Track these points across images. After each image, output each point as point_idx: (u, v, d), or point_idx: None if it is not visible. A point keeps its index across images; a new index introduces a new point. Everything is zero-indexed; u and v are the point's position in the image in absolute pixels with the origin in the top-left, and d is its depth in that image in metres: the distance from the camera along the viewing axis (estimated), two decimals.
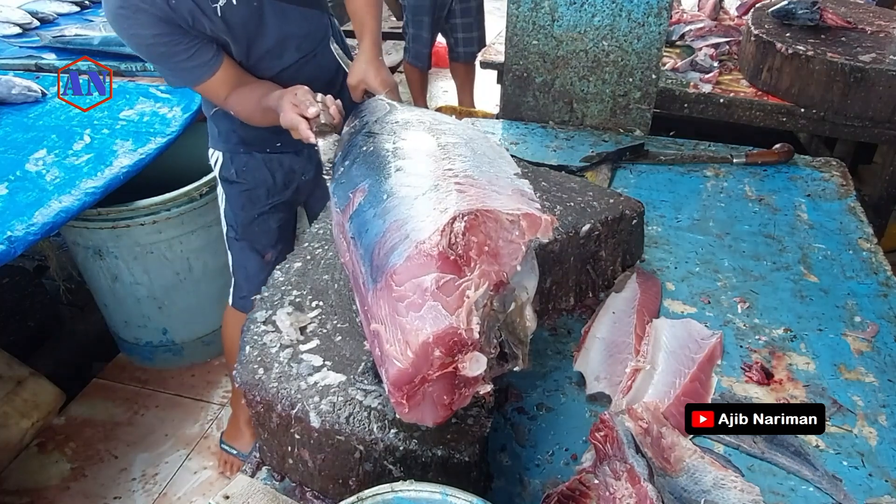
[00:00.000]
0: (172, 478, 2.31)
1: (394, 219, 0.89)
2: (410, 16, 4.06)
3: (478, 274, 0.82)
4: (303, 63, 1.69)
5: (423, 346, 0.79)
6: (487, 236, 0.84)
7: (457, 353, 0.81)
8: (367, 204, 0.96)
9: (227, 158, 1.86)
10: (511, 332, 0.87)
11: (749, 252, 1.58)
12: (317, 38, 1.70)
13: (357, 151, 1.12)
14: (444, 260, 0.81)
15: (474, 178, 0.93)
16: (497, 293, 0.84)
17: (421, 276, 0.81)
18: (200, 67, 1.52)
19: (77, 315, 2.94)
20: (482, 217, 0.84)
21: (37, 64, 2.86)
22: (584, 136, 2.11)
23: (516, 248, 0.85)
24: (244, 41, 1.56)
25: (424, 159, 1.00)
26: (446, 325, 0.79)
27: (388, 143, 1.08)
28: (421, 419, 0.86)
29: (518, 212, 0.85)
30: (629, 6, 1.92)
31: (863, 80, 2.13)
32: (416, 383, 0.82)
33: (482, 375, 0.84)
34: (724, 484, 0.97)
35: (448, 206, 0.85)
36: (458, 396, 0.85)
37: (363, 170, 1.05)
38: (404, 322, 0.81)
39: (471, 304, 0.80)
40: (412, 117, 1.19)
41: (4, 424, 2.28)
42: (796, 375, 1.24)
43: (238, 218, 1.91)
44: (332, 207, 1.13)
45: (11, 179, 2.03)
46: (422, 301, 0.80)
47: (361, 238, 0.94)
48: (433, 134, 1.09)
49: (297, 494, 1.05)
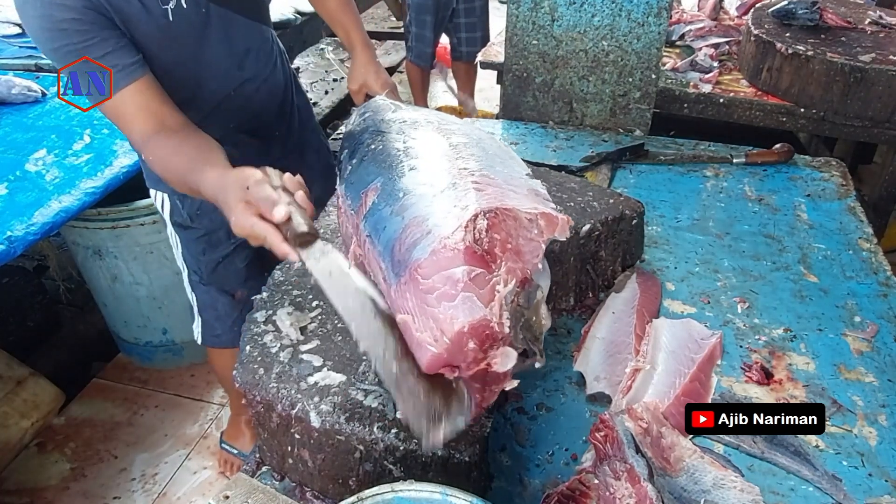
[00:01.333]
0: (172, 478, 2.31)
1: (413, 215, 0.89)
2: (414, 15, 4.07)
3: (505, 270, 0.82)
4: (252, 89, 1.55)
5: (459, 334, 0.79)
6: (509, 234, 0.85)
7: (488, 348, 0.81)
8: (382, 202, 0.96)
9: (176, 202, 1.65)
10: (528, 330, 0.87)
11: (749, 252, 1.58)
12: (263, 56, 1.57)
13: (365, 150, 1.11)
14: (472, 254, 0.82)
15: (490, 178, 0.93)
16: (522, 290, 0.85)
17: (450, 268, 0.81)
18: (116, 73, 1.22)
19: (77, 315, 2.94)
20: (502, 215, 0.85)
21: (37, 64, 2.86)
22: (584, 136, 2.11)
23: (536, 246, 0.86)
24: (189, 51, 1.39)
25: (437, 158, 1.00)
26: (481, 316, 0.79)
27: (398, 142, 1.07)
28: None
29: (536, 211, 0.87)
30: (629, 6, 1.92)
31: (862, 80, 2.13)
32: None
33: (509, 371, 0.84)
34: (723, 484, 0.98)
35: (469, 204, 0.86)
36: (488, 393, 0.86)
37: (373, 168, 1.04)
38: (436, 312, 0.81)
39: (501, 298, 0.81)
40: (419, 117, 1.18)
41: (4, 424, 2.28)
42: (796, 375, 1.24)
43: (200, 263, 1.75)
44: (341, 206, 1.12)
45: (11, 179, 2.03)
46: (455, 291, 0.80)
47: (379, 235, 0.93)
48: (443, 134, 1.09)
49: (297, 494, 1.05)
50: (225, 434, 2.35)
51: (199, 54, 1.42)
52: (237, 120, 1.57)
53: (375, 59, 1.56)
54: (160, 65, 1.33)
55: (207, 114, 1.49)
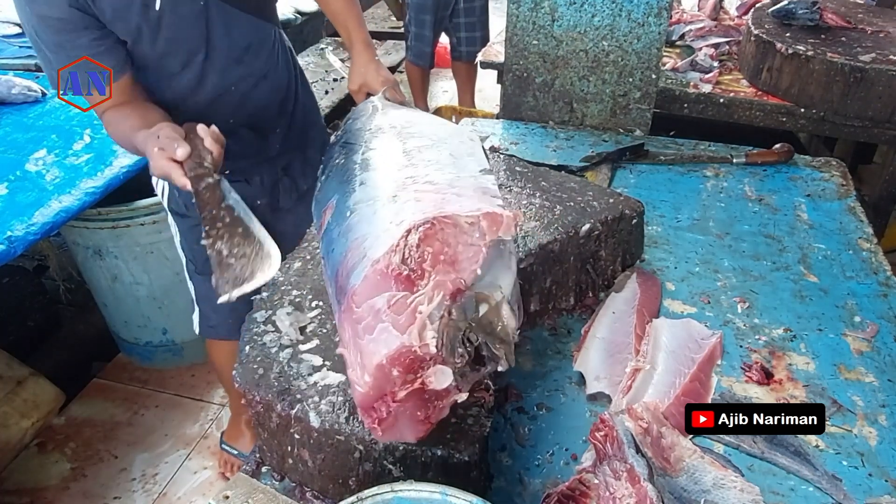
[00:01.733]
0: (172, 478, 2.31)
1: (354, 237, 0.89)
2: (413, 14, 4.07)
3: (431, 286, 0.81)
4: (251, 85, 1.56)
5: (379, 368, 0.79)
6: (445, 243, 0.83)
7: (417, 370, 0.80)
8: (334, 222, 0.97)
9: (173, 190, 1.70)
10: (489, 334, 0.85)
11: (749, 252, 1.58)
12: (265, 54, 1.58)
13: (332, 164, 1.12)
14: (397, 277, 0.81)
15: (433, 183, 0.92)
16: (455, 302, 0.82)
17: (375, 296, 0.81)
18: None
19: (77, 315, 2.94)
20: (439, 224, 0.83)
21: (37, 64, 2.85)
22: (584, 136, 2.11)
23: (476, 251, 0.83)
24: (184, 46, 1.42)
25: (387, 169, 1.00)
26: (398, 346, 0.79)
27: (358, 154, 1.08)
28: (400, 437, 0.87)
29: (478, 212, 0.84)
30: (629, 6, 1.92)
31: (863, 80, 2.13)
32: (385, 405, 0.82)
33: (454, 385, 0.83)
34: (723, 484, 0.98)
35: (404, 218, 0.85)
36: (434, 409, 0.85)
37: (333, 185, 1.05)
38: (362, 345, 0.81)
39: (424, 318, 0.79)
40: (386, 122, 1.18)
41: (4, 424, 2.28)
42: (796, 375, 1.23)
43: (195, 252, 1.76)
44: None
45: (11, 179, 2.03)
46: (375, 322, 0.80)
47: (328, 258, 0.94)
48: (401, 139, 1.08)
49: (297, 494, 1.04)
50: (225, 435, 2.35)
51: (196, 47, 1.43)
52: (236, 114, 1.58)
53: (375, 59, 1.56)
54: (151, 55, 1.39)
55: (206, 107, 1.50)
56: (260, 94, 1.60)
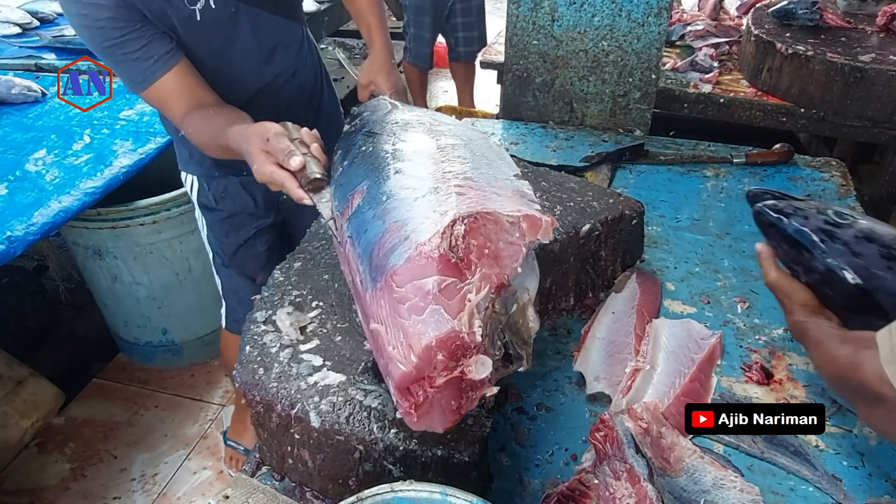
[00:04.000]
0: (172, 478, 2.31)
1: (393, 220, 0.89)
2: (412, 16, 4.06)
3: (479, 277, 0.82)
4: (281, 83, 1.59)
5: (427, 349, 0.79)
6: (488, 239, 0.84)
7: (460, 357, 0.81)
8: (366, 205, 0.96)
9: (203, 183, 1.73)
10: (515, 333, 0.87)
11: (749, 252, 1.57)
12: (293, 52, 1.61)
13: (356, 152, 1.12)
14: (445, 262, 0.81)
15: (474, 181, 0.93)
16: (499, 295, 0.84)
17: (422, 278, 0.81)
18: (154, 62, 1.32)
19: (77, 315, 2.94)
20: (482, 219, 0.84)
21: (37, 64, 2.86)
22: (584, 136, 2.11)
23: (517, 249, 0.85)
24: (218, 49, 1.44)
25: (423, 161, 1.00)
26: (449, 329, 0.79)
27: (388, 144, 1.07)
28: (431, 426, 0.86)
29: (518, 213, 0.86)
30: (629, 6, 1.92)
31: (863, 80, 2.13)
32: (423, 391, 0.82)
33: (488, 378, 0.84)
34: (723, 484, 0.98)
35: (448, 209, 0.85)
36: (466, 400, 0.85)
37: (362, 171, 1.05)
38: (407, 325, 0.80)
39: (472, 307, 0.80)
40: (412, 118, 1.18)
41: (4, 424, 2.28)
42: (796, 375, 1.23)
43: (223, 245, 1.80)
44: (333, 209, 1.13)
45: (11, 179, 2.03)
46: (424, 304, 0.80)
47: (359, 238, 0.94)
48: (432, 135, 1.09)
49: (296, 494, 1.04)
50: (230, 430, 2.36)
51: (229, 52, 1.46)
52: (267, 114, 1.58)
53: (391, 61, 1.57)
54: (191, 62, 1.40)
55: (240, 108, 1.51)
56: (289, 91, 1.62)
